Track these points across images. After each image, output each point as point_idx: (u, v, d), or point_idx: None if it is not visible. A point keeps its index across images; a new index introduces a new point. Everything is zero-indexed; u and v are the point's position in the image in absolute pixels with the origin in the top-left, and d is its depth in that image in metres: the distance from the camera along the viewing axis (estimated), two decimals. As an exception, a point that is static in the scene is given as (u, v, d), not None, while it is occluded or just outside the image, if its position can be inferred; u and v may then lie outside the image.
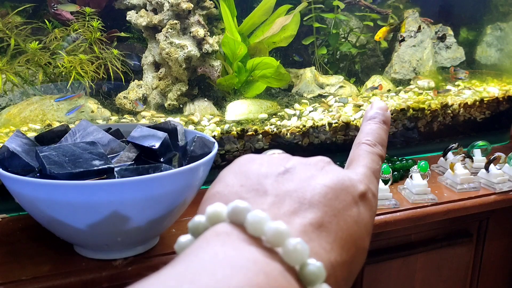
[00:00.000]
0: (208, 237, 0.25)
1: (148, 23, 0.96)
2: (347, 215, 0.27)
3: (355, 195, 0.29)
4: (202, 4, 0.98)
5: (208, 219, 0.26)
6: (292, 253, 0.24)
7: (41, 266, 0.61)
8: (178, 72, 0.96)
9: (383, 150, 0.34)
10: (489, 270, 0.97)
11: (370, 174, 0.31)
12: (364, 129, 0.36)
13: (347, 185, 0.29)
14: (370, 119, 0.36)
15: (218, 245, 0.24)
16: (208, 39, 0.95)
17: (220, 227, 0.25)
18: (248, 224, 0.25)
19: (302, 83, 1.12)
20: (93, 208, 0.53)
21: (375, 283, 0.86)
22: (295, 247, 0.24)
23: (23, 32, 0.90)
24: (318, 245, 0.26)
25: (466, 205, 0.84)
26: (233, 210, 0.25)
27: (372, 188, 0.30)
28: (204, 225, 0.26)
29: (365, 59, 1.22)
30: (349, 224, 0.27)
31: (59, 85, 0.94)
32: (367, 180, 0.30)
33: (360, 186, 0.29)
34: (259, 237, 0.25)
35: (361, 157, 0.33)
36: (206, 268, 0.22)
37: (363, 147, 0.34)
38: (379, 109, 0.37)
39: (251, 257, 0.23)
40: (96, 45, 0.92)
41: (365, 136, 0.35)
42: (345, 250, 0.27)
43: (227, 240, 0.24)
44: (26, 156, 0.60)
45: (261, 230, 0.25)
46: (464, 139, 1.04)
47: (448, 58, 1.25)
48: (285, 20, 1.02)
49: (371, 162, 0.33)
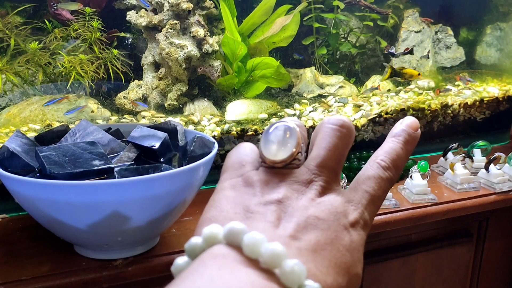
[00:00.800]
0: (204, 260, 0.25)
1: (148, 23, 0.96)
2: (339, 244, 0.28)
3: (345, 223, 0.29)
4: (202, 4, 0.98)
5: (205, 240, 0.26)
6: (289, 274, 0.24)
7: (41, 266, 0.61)
8: (178, 72, 0.96)
9: (397, 174, 0.33)
10: (489, 270, 0.97)
11: (369, 201, 0.31)
12: (384, 146, 0.34)
13: (339, 216, 0.29)
14: (394, 136, 0.34)
15: (215, 268, 0.24)
16: (208, 39, 0.95)
17: (216, 249, 0.25)
18: (245, 245, 0.25)
19: (302, 83, 1.12)
20: (93, 208, 0.53)
21: (375, 283, 0.86)
22: (292, 268, 0.24)
23: (23, 32, 0.90)
24: (314, 267, 0.26)
25: (466, 205, 0.84)
26: (229, 231, 0.25)
27: (365, 216, 0.30)
28: (201, 247, 0.26)
29: (365, 59, 1.22)
30: (342, 252, 0.28)
31: (59, 85, 0.94)
32: (362, 209, 0.30)
33: (352, 214, 0.30)
34: (256, 259, 0.25)
35: (368, 179, 0.32)
36: None
37: (375, 167, 0.32)
38: (407, 126, 0.35)
39: (248, 280, 0.23)
40: (96, 45, 0.92)
41: (382, 155, 0.33)
42: (340, 276, 0.27)
43: (224, 263, 0.24)
44: (26, 156, 0.60)
45: (258, 251, 0.25)
46: (464, 139, 1.04)
47: (448, 58, 1.25)
48: (285, 20, 1.02)
49: (376, 188, 0.32)
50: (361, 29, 1.19)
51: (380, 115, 1.01)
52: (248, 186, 0.30)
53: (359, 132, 0.99)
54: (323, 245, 0.27)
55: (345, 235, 0.28)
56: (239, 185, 0.31)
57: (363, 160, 0.96)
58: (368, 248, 0.85)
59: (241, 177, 0.31)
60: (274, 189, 0.30)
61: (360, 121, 0.99)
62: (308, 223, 0.28)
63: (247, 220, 0.28)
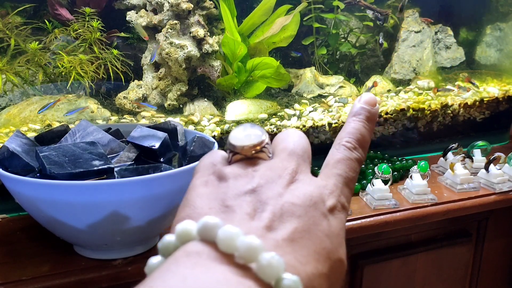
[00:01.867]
0: (178, 258, 0.24)
1: (148, 23, 0.96)
2: (317, 229, 0.27)
3: (323, 210, 0.28)
4: (202, 4, 0.98)
5: (178, 237, 0.25)
6: (266, 268, 0.23)
7: (41, 266, 0.61)
8: (178, 72, 0.96)
9: (364, 153, 0.33)
10: (488, 269, 0.97)
11: (343, 184, 0.31)
12: (347, 127, 0.34)
13: (315, 200, 0.28)
14: (355, 115, 0.34)
15: (189, 266, 0.23)
16: (208, 39, 0.95)
17: (190, 246, 0.25)
18: (220, 240, 0.24)
19: (302, 83, 1.12)
20: (93, 208, 0.53)
21: (375, 283, 0.87)
22: (269, 261, 0.23)
23: (23, 32, 0.90)
24: (293, 259, 0.25)
25: (466, 205, 0.84)
26: (203, 226, 0.25)
27: (342, 200, 0.30)
28: (175, 245, 0.25)
29: (365, 59, 1.22)
30: (321, 238, 0.27)
31: (59, 85, 0.94)
32: (337, 192, 0.30)
33: (329, 200, 0.29)
34: (232, 254, 0.24)
35: (338, 163, 0.32)
36: None
37: (342, 150, 0.32)
38: (366, 103, 0.35)
39: (222, 278, 0.22)
40: (96, 45, 0.92)
41: (346, 136, 0.33)
42: (321, 263, 0.26)
43: (198, 261, 0.23)
44: (26, 156, 0.60)
45: (234, 246, 0.24)
46: (464, 139, 1.04)
47: (448, 58, 1.25)
48: (285, 20, 1.02)
49: (347, 170, 0.31)
50: (361, 29, 1.19)
51: (380, 115, 1.01)
52: (221, 181, 0.30)
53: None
54: (300, 232, 0.26)
55: (322, 221, 0.28)
56: (212, 181, 0.30)
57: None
58: (368, 248, 0.85)
59: (212, 174, 0.30)
60: (247, 180, 0.29)
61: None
62: (284, 210, 0.27)
63: (223, 214, 0.27)
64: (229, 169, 0.30)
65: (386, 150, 1.02)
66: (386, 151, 1.01)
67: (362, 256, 0.84)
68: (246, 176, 0.29)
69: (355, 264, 0.84)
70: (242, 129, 0.32)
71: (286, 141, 0.32)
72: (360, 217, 0.78)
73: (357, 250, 0.84)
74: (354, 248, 0.83)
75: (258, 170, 0.30)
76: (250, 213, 0.27)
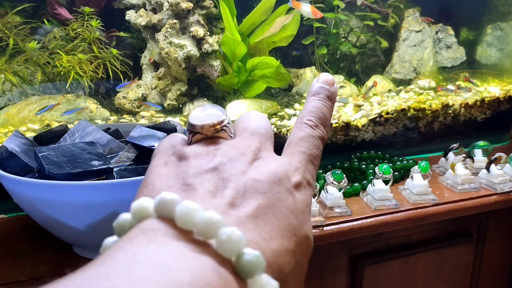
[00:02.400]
0: (131, 236, 0.23)
1: (147, 23, 0.95)
2: (281, 205, 0.26)
3: (289, 186, 0.28)
4: (201, 4, 0.98)
5: (134, 215, 0.24)
6: (226, 243, 0.22)
7: (39, 266, 0.61)
8: (178, 71, 0.96)
9: (326, 131, 0.33)
10: (489, 270, 0.97)
11: (307, 161, 0.30)
12: (307, 106, 0.33)
13: (280, 177, 0.28)
14: (314, 94, 0.34)
15: (142, 244, 0.22)
16: (207, 38, 0.95)
17: (146, 224, 0.23)
18: (178, 216, 0.23)
19: (302, 83, 1.11)
20: (92, 209, 0.53)
21: (375, 283, 0.86)
22: (229, 236, 0.22)
23: (22, 32, 0.90)
24: (256, 235, 0.24)
25: (467, 205, 0.84)
26: (160, 202, 0.23)
27: (307, 176, 0.29)
28: (131, 223, 0.24)
29: (365, 59, 1.22)
30: (285, 214, 0.26)
31: (58, 85, 0.94)
32: (302, 169, 0.29)
33: (295, 176, 0.28)
34: (191, 231, 0.23)
35: (301, 140, 0.31)
36: (119, 270, 0.20)
37: (304, 128, 0.32)
38: (324, 82, 0.34)
39: (177, 254, 0.21)
40: (95, 45, 0.91)
41: (308, 114, 0.33)
42: (286, 239, 0.25)
43: (153, 238, 0.22)
44: (25, 156, 0.60)
45: (192, 221, 0.23)
46: (465, 139, 1.04)
47: (449, 58, 1.25)
48: (285, 19, 1.02)
49: (311, 148, 0.31)
50: (361, 28, 1.19)
51: (381, 115, 1.01)
52: (181, 160, 0.28)
53: (359, 132, 0.99)
54: (264, 209, 0.26)
55: (288, 197, 0.27)
56: (172, 161, 0.29)
57: (363, 160, 0.96)
58: (369, 248, 0.85)
59: (172, 155, 0.29)
60: (209, 158, 0.28)
61: (361, 121, 0.99)
62: (247, 187, 0.26)
63: (183, 192, 0.26)
64: (189, 149, 0.29)
65: (387, 150, 1.02)
66: (386, 151, 1.01)
67: (362, 257, 0.84)
68: (207, 155, 0.28)
69: (356, 264, 0.84)
70: (201, 109, 0.31)
71: (248, 121, 0.31)
72: (361, 217, 0.77)
73: (357, 250, 0.83)
74: (355, 248, 0.83)
75: (219, 148, 0.29)
76: (212, 190, 0.26)
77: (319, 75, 0.35)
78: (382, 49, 1.22)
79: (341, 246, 0.81)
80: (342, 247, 0.82)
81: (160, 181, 0.27)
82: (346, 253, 0.83)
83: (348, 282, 0.84)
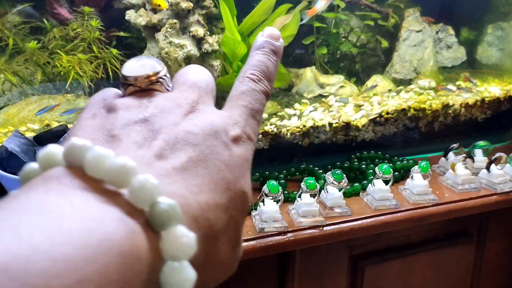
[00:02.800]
0: (32, 185, 0.20)
1: (147, 23, 0.95)
2: (215, 159, 0.25)
3: (225, 139, 0.26)
4: (201, 4, 0.98)
5: (41, 163, 0.21)
6: (138, 191, 0.20)
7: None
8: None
9: (270, 85, 0.31)
10: (489, 270, 0.97)
11: (248, 115, 0.29)
12: (250, 60, 0.32)
13: (216, 129, 0.26)
14: (258, 48, 0.33)
15: (41, 192, 0.19)
16: (207, 38, 0.95)
17: (51, 172, 0.21)
18: (87, 163, 0.20)
19: (302, 83, 1.11)
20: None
21: (376, 283, 0.86)
22: (143, 183, 0.20)
23: (21, 32, 0.90)
24: (183, 187, 0.23)
25: (467, 205, 0.84)
26: (69, 148, 0.21)
27: (248, 131, 0.28)
28: (37, 172, 0.21)
29: (366, 59, 1.22)
30: (219, 167, 0.25)
31: (58, 85, 0.94)
32: (243, 123, 0.28)
33: (234, 129, 0.27)
34: (102, 180, 0.20)
35: (243, 94, 0.30)
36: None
37: (246, 82, 0.31)
38: (269, 36, 0.33)
39: (80, 203, 0.19)
40: (95, 45, 0.91)
41: (251, 68, 0.31)
42: (218, 193, 0.24)
43: (56, 186, 0.20)
44: (24, 156, 0.60)
45: (104, 169, 0.20)
46: (465, 139, 1.04)
47: (449, 57, 1.25)
48: (285, 19, 1.02)
49: (253, 102, 0.30)
50: (362, 28, 1.19)
51: (381, 115, 1.00)
52: (110, 112, 0.26)
53: (359, 132, 0.99)
54: (195, 162, 0.24)
55: (223, 150, 0.25)
56: (100, 114, 0.26)
57: (363, 160, 0.96)
58: (369, 248, 0.85)
59: (102, 107, 0.27)
60: (140, 110, 0.26)
61: (361, 121, 0.99)
62: (178, 139, 0.24)
63: (106, 144, 0.24)
64: (120, 100, 0.27)
65: (387, 150, 1.02)
66: (387, 151, 1.01)
67: (363, 257, 0.84)
68: (139, 107, 0.26)
69: (356, 264, 0.84)
70: (136, 60, 0.29)
71: (188, 75, 0.30)
72: (361, 217, 0.77)
73: (358, 251, 0.83)
74: (355, 248, 0.83)
75: (153, 101, 0.27)
76: (139, 141, 0.24)
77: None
78: (382, 49, 1.22)
79: (342, 246, 0.81)
80: (343, 247, 0.82)
81: (84, 133, 0.25)
82: (346, 253, 0.82)
83: (348, 282, 0.84)
